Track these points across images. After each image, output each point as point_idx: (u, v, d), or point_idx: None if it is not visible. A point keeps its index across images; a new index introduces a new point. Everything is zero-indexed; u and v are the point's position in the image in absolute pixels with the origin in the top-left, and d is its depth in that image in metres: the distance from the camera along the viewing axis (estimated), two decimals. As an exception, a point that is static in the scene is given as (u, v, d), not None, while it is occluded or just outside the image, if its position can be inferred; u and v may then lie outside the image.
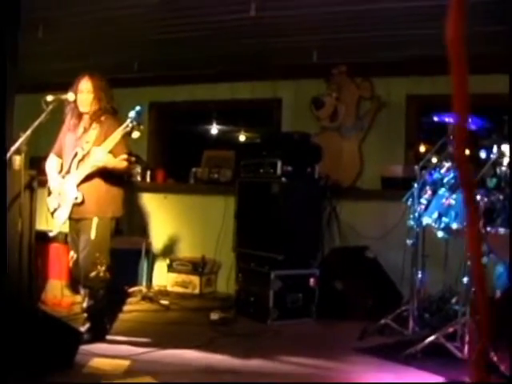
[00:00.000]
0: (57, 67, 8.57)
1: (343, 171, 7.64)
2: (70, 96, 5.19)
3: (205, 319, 6.14)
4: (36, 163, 6.10)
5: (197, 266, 7.67)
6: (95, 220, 5.12)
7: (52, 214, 5.29)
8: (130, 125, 4.86)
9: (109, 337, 5.30)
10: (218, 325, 5.99)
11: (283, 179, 6.31)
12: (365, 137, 7.76)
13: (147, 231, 7.95)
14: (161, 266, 8.02)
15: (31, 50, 6.90)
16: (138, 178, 8.16)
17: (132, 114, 4.90)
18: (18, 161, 5.24)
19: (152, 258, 7.94)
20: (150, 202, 8.28)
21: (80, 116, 5.30)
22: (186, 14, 6.35)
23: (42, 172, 5.76)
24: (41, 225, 6.29)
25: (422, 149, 8.08)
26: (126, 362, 4.64)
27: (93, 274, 5.08)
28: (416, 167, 5.48)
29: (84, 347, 4.65)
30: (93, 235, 5.09)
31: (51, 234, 5.43)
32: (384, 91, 7.67)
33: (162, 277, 7.92)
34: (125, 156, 5.13)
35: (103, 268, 5.10)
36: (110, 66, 8.41)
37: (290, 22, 6.43)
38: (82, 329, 5.05)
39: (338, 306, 6.42)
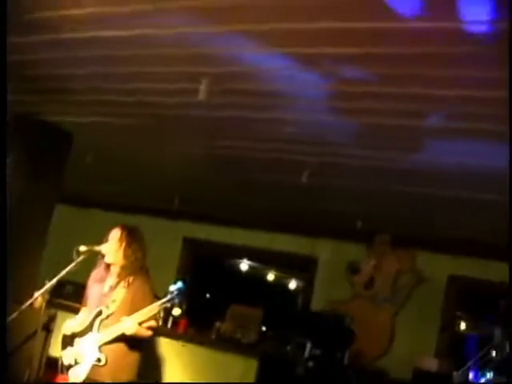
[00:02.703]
0: (99, 188, 8.61)
1: (370, 343, 7.24)
2: (103, 248, 5.04)
3: None
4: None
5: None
6: None
7: (67, 368, 4.97)
8: (170, 302, 4.73)
9: None
10: None
11: (310, 363, 6.01)
12: (398, 312, 7.46)
13: (160, 379, 7.56)
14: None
15: (78, 171, 6.89)
16: (160, 323, 7.76)
17: (173, 288, 4.77)
18: (39, 300, 5.01)
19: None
20: (167, 349, 7.75)
21: (108, 269, 5.13)
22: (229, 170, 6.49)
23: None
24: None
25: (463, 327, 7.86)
26: None
27: None
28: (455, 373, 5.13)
29: None
30: None
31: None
32: (425, 267, 7.44)
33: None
34: (152, 324, 4.92)
35: None
36: (150, 196, 8.45)
37: (339, 189, 6.35)
38: None
39: None
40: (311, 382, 6.03)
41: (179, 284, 4.81)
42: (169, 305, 4.77)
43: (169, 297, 4.75)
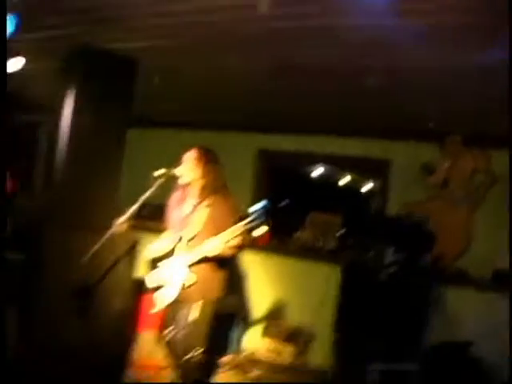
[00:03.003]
0: (169, 108, 8.65)
1: (449, 243, 7.21)
2: (177, 171, 5.07)
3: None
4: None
5: (292, 335, 7.32)
6: (199, 302, 4.93)
7: (154, 291, 5.07)
8: (253, 223, 4.68)
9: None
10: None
11: (392, 269, 6.01)
12: (475, 210, 7.37)
13: (243, 293, 7.73)
14: (253, 330, 7.73)
15: (146, 94, 6.91)
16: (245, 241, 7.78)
17: (256, 209, 4.72)
18: (122, 226, 5.08)
19: (245, 322, 7.68)
20: (249, 262, 7.90)
21: (187, 190, 5.14)
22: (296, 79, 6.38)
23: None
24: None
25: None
26: None
27: (187, 356, 4.87)
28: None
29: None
30: (194, 317, 4.89)
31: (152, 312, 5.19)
32: (500, 166, 7.24)
33: (254, 342, 7.62)
34: (238, 242, 4.84)
35: (199, 351, 4.90)
36: (220, 111, 8.45)
37: (408, 90, 6.22)
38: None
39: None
40: (394, 288, 6.06)
41: (264, 202, 4.78)
42: (254, 223, 4.70)
43: (254, 215, 4.70)
